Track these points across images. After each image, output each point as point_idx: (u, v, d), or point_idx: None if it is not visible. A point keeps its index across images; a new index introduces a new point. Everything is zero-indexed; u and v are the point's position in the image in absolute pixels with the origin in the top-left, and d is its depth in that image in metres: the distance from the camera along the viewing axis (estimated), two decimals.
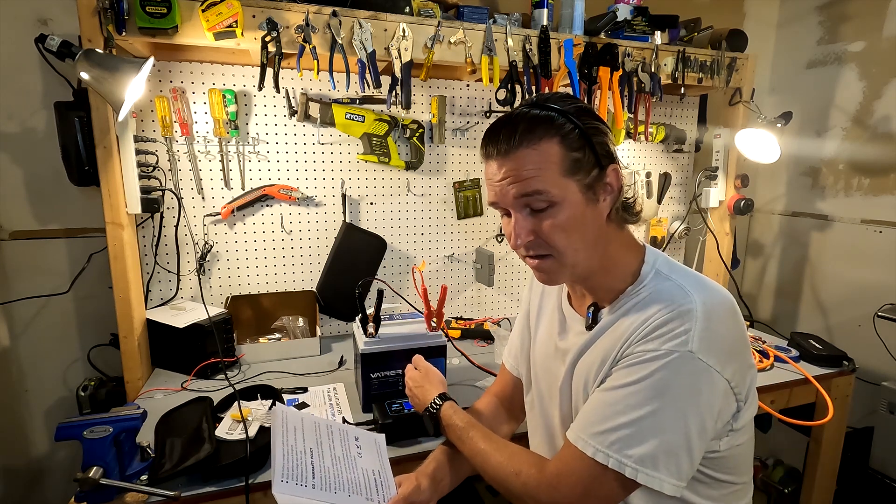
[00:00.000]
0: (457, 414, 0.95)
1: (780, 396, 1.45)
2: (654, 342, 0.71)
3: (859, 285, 2.02)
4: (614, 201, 0.79)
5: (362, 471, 0.90)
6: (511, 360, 1.10)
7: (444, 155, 1.83)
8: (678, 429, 0.69)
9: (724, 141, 1.97)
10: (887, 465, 1.69)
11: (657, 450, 0.69)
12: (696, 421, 0.70)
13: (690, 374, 0.69)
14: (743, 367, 0.75)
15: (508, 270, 1.99)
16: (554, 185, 0.74)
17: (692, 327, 0.70)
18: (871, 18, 1.96)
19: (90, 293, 1.60)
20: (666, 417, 0.69)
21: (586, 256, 0.79)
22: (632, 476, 0.69)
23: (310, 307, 1.70)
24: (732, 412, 0.75)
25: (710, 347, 0.70)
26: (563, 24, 1.66)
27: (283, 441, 0.86)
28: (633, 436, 0.70)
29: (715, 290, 0.76)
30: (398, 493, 0.87)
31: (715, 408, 0.72)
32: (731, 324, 0.74)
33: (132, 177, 1.33)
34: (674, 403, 0.69)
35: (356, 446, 0.95)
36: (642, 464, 0.69)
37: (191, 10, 1.25)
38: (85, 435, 0.92)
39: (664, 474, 0.69)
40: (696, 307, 0.71)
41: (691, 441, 0.70)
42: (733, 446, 0.78)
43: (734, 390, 0.73)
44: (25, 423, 1.63)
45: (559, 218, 0.75)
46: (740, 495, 0.86)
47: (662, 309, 0.73)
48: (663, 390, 0.69)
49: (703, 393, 0.70)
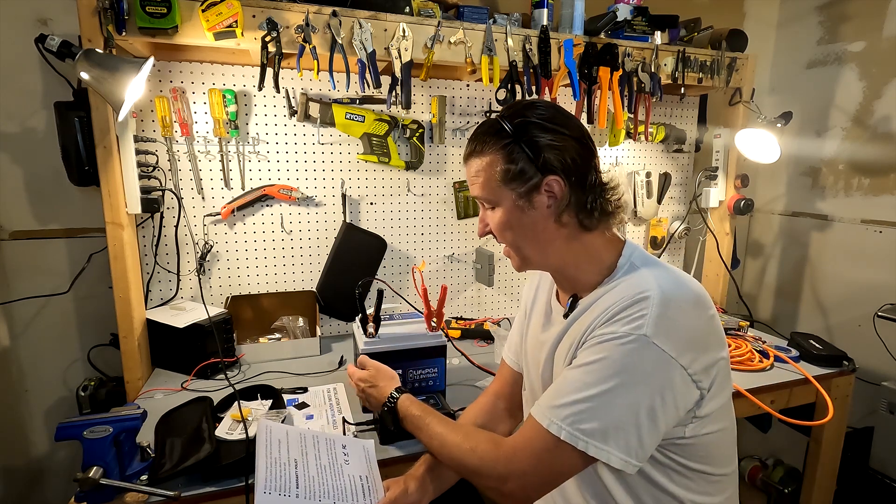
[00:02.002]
0: (413, 404, 0.98)
1: (780, 396, 1.45)
2: (614, 325, 0.76)
3: (859, 285, 2.02)
4: (560, 207, 0.83)
5: (349, 477, 0.90)
6: (512, 356, 1.12)
7: (444, 155, 1.83)
8: (628, 407, 0.73)
9: (724, 141, 1.97)
10: (887, 465, 1.69)
11: (607, 425, 0.73)
12: (646, 402, 0.73)
13: (643, 356, 0.73)
14: (704, 356, 0.77)
15: (508, 270, 1.99)
16: (491, 192, 0.85)
17: (648, 313, 0.74)
18: (871, 18, 1.96)
19: (90, 293, 1.60)
20: (617, 396, 0.73)
21: (535, 252, 0.88)
22: (583, 448, 0.73)
23: (310, 307, 1.70)
24: (694, 399, 0.77)
25: (666, 333, 0.73)
26: (563, 24, 1.66)
27: (267, 454, 0.87)
28: (586, 411, 0.74)
29: (680, 282, 0.80)
30: (385, 496, 0.88)
31: (668, 391, 0.74)
32: (693, 314, 0.77)
33: (132, 177, 1.33)
34: (626, 383, 0.73)
35: (343, 454, 0.95)
36: (592, 437, 0.73)
37: (191, 10, 1.25)
38: (85, 435, 0.92)
39: (612, 448, 0.73)
40: (654, 294, 0.76)
41: (640, 419, 0.73)
42: (701, 434, 0.80)
43: (692, 377, 0.75)
44: (25, 423, 1.63)
45: (500, 219, 0.86)
46: (721, 487, 0.86)
47: (625, 295, 0.78)
48: (617, 370, 0.73)
49: (654, 375, 0.73)
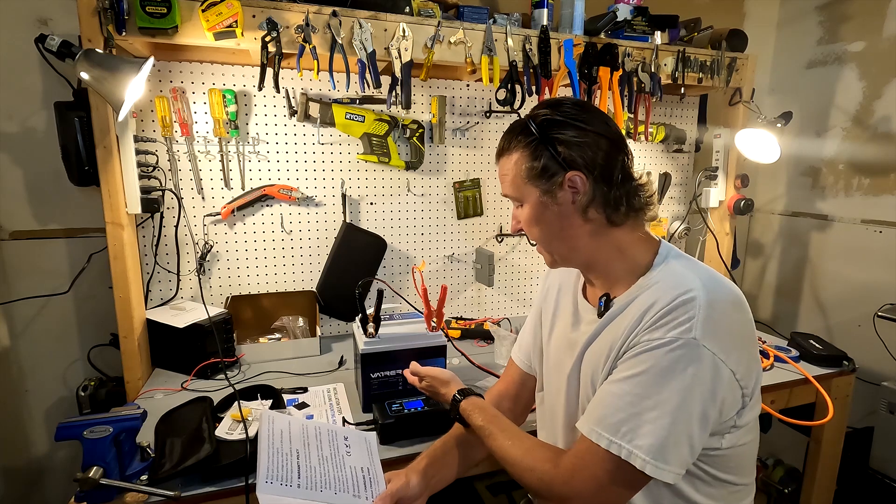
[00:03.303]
0: (475, 412, 0.94)
1: (780, 396, 1.45)
2: (659, 331, 0.73)
3: (859, 285, 2.02)
4: (583, 202, 0.82)
5: (350, 469, 0.90)
6: (522, 356, 1.10)
7: (444, 155, 1.83)
8: (683, 417, 0.71)
9: (724, 141, 1.97)
10: (887, 465, 1.69)
11: (665, 440, 0.70)
12: (699, 407, 0.71)
13: (694, 361, 0.71)
14: (749, 359, 0.76)
15: (508, 270, 1.99)
16: (517, 190, 0.87)
17: (696, 315, 0.72)
18: (871, 18, 1.96)
19: (90, 293, 1.60)
20: (673, 406, 0.70)
21: (563, 248, 0.88)
22: (641, 467, 0.70)
23: (310, 307, 1.70)
24: (738, 406, 0.76)
25: (714, 336, 0.71)
26: (563, 24, 1.66)
27: (269, 444, 0.87)
28: (643, 426, 0.71)
29: (721, 283, 0.79)
30: (387, 489, 0.88)
31: (718, 396, 0.72)
32: (736, 316, 0.76)
33: (132, 177, 1.33)
34: (679, 392, 0.70)
35: (345, 445, 0.96)
36: (651, 455, 0.70)
37: (191, 10, 1.25)
38: (85, 435, 0.92)
39: (672, 466, 0.71)
40: (700, 296, 0.73)
41: (692, 428, 0.71)
42: (736, 445, 0.79)
43: (739, 382, 0.74)
44: (25, 423, 1.63)
45: (527, 216, 0.87)
46: (741, 496, 0.86)
47: (667, 297, 0.75)
48: (669, 379, 0.71)
49: (706, 380, 0.71)
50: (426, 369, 1.09)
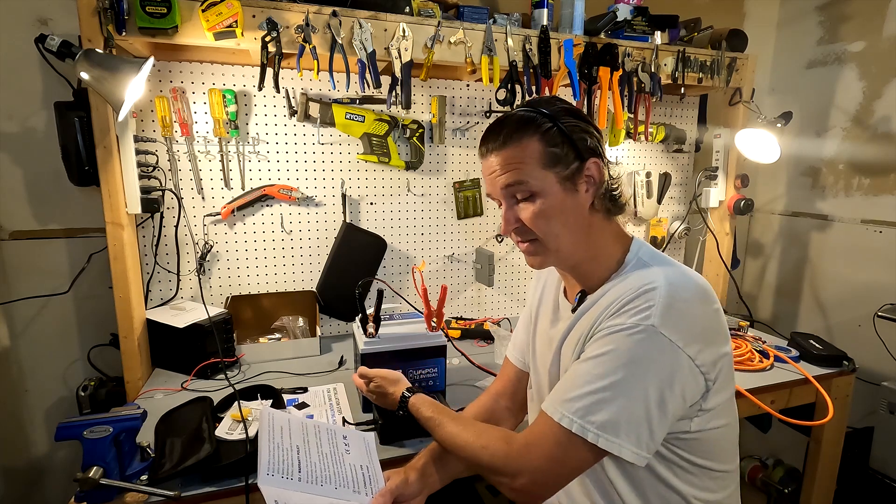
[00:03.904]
0: (424, 405, 0.97)
1: (780, 396, 1.45)
2: (621, 317, 0.77)
3: (859, 285, 2.02)
4: (596, 192, 0.85)
5: (350, 466, 0.91)
6: (517, 354, 1.12)
7: (444, 155, 1.83)
8: (638, 398, 0.73)
9: (724, 141, 1.97)
10: (887, 465, 1.69)
11: (618, 417, 0.73)
12: (656, 392, 0.73)
13: (651, 347, 0.73)
14: (710, 348, 0.77)
15: (508, 270, 1.99)
16: (533, 177, 0.82)
17: (655, 303, 0.75)
18: (871, 18, 1.96)
19: (90, 293, 1.60)
20: (627, 387, 0.73)
21: (569, 241, 0.85)
22: (593, 441, 0.73)
23: (310, 307, 1.70)
24: (700, 390, 0.77)
25: (673, 323, 0.74)
26: (563, 24, 1.66)
27: (270, 439, 0.87)
28: (597, 403, 0.74)
29: (686, 275, 0.81)
30: (386, 486, 0.89)
31: (676, 382, 0.74)
32: (699, 306, 0.78)
33: (132, 177, 1.33)
34: (634, 374, 0.73)
35: (344, 444, 0.96)
36: (603, 429, 0.73)
37: (191, 10, 1.25)
38: (85, 435, 0.92)
39: (624, 441, 0.72)
40: (661, 286, 0.76)
41: (650, 411, 0.73)
42: (707, 429, 0.80)
43: (700, 368, 0.76)
44: (25, 423, 1.63)
45: (539, 206, 0.83)
46: (723, 484, 0.86)
47: (631, 288, 0.79)
48: (626, 361, 0.74)
49: (662, 366, 0.74)
50: (374, 371, 1.09)
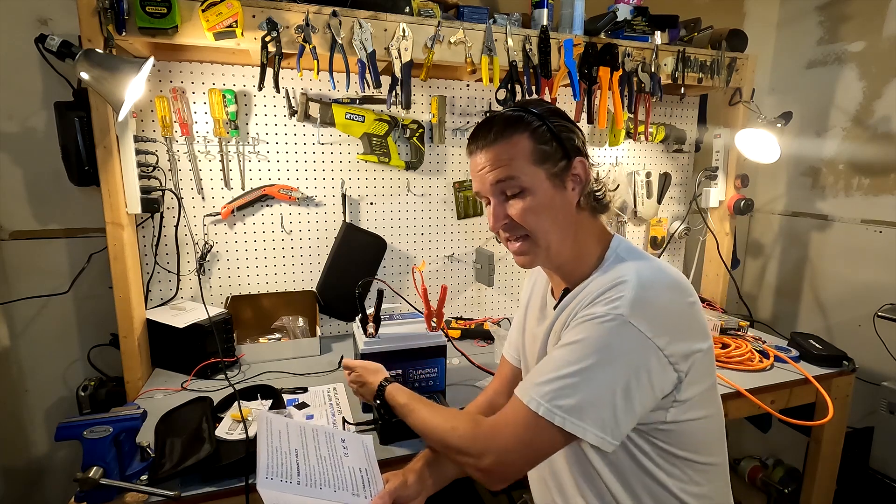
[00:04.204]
0: (399, 393, 1.02)
1: (780, 396, 1.45)
2: (593, 307, 0.79)
3: (859, 285, 2.02)
4: (582, 190, 0.88)
5: (349, 469, 0.91)
6: (512, 352, 1.13)
7: (444, 155, 1.83)
8: (604, 385, 0.75)
9: (724, 141, 1.97)
10: (887, 465, 1.69)
11: (584, 402, 0.75)
12: (622, 380, 0.75)
13: (620, 336, 0.75)
14: (682, 342, 0.78)
15: (508, 270, 1.99)
16: (524, 172, 0.84)
17: (625, 294, 0.76)
18: (871, 18, 1.96)
19: (90, 293, 1.60)
20: (594, 373, 0.75)
21: (558, 239, 0.87)
22: (560, 424, 0.75)
23: (310, 307, 1.70)
24: (671, 382, 0.78)
25: (642, 314, 0.75)
26: (563, 24, 1.66)
27: (268, 443, 0.87)
28: (565, 388, 0.76)
29: (659, 269, 0.83)
30: (385, 488, 0.89)
31: (643, 371, 0.75)
32: (669, 297, 0.79)
33: (132, 177, 1.33)
34: (602, 361, 0.75)
35: (342, 447, 0.96)
36: (569, 413, 0.75)
37: (191, 10, 1.25)
38: (85, 435, 0.92)
39: (588, 424, 0.74)
40: (632, 279, 0.78)
41: (615, 397, 0.75)
42: (683, 420, 0.81)
43: (669, 359, 0.76)
44: (25, 423, 1.63)
45: (529, 202, 0.85)
46: (708, 477, 0.86)
47: (606, 281, 0.81)
48: (595, 349, 0.76)
49: (630, 355, 0.75)
50: (355, 361, 1.15)
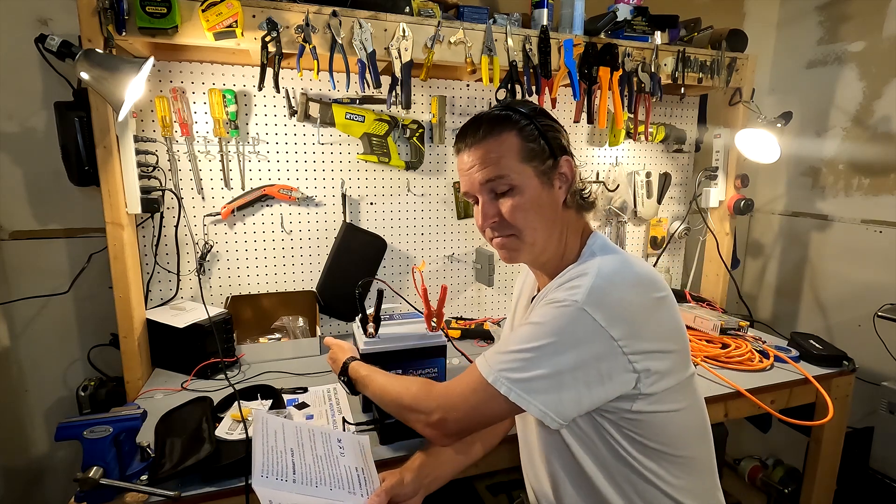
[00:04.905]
0: (361, 367, 1.07)
1: (780, 396, 1.45)
2: (555, 293, 0.82)
3: (859, 285, 2.02)
4: (569, 189, 0.90)
5: (345, 467, 0.92)
6: None
7: (444, 155, 1.82)
8: (552, 364, 0.78)
9: (724, 141, 1.97)
10: (887, 465, 1.69)
11: (532, 378, 0.78)
12: (571, 364, 0.77)
13: (575, 322, 0.77)
14: (642, 335, 0.79)
15: (508, 270, 1.99)
16: (513, 170, 0.86)
17: (584, 284, 0.79)
18: (871, 18, 1.96)
19: (90, 293, 1.60)
20: (547, 353, 0.78)
21: (545, 236, 0.89)
22: (505, 394, 0.79)
23: (310, 307, 1.70)
24: (626, 374, 0.78)
25: (598, 303, 0.77)
26: (563, 24, 1.66)
27: (264, 443, 0.88)
28: (517, 362, 0.80)
29: (626, 264, 0.83)
30: (381, 486, 0.89)
31: (593, 359, 0.77)
32: (631, 291, 0.80)
33: (132, 177, 1.33)
34: (555, 343, 0.78)
35: (339, 447, 0.97)
36: (516, 385, 0.79)
37: (191, 10, 1.25)
38: (85, 435, 0.92)
39: (533, 399, 0.78)
40: (594, 271, 0.80)
41: (563, 379, 0.78)
42: (650, 411, 0.81)
43: (623, 349, 0.77)
44: (25, 423, 1.63)
45: (518, 199, 0.86)
46: (685, 470, 0.85)
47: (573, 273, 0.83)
48: (550, 332, 0.79)
49: (582, 341, 0.77)
50: (334, 340, 1.21)
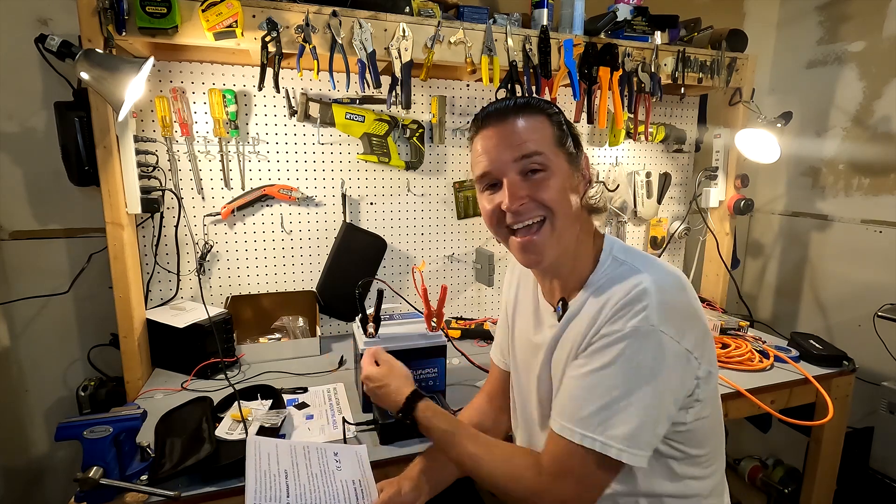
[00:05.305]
0: (437, 416, 0.90)
1: (780, 396, 1.45)
2: (619, 322, 0.75)
3: (859, 285, 2.02)
4: (586, 187, 0.88)
5: (342, 483, 0.91)
6: (499, 355, 1.13)
7: (444, 155, 1.83)
8: (652, 403, 0.73)
9: (724, 141, 1.97)
10: (887, 465, 1.69)
11: (636, 426, 0.73)
12: (667, 391, 0.75)
13: (655, 346, 0.73)
14: (699, 333, 0.78)
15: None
16: (549, 150, 0.82)
17: (649, 303, 0.74)
18: (871, 18, 1.96)
19: (90, 293, 1.60)
20: (642, 393, 0.73)
21: (570, 225, 0.84)
22: (616, 457, 0.72)
23: (310, 307, 1.70)
24: (694, 377, 0.78)
25: (668, 320, 0.74)
26: (563, 24, 1.66)
27: (256, 468, 0.87)
28: (613, 417, 0.73)
29: (664, 269, 0.82)
30: (379, 498, 0.88)
31: (679, 375, 0.76)
32: (682, 296, 0.79)
33: (132, 177, 1.33)
34: (645, 378, 0.73)
35: (335, 461, 0.96)
36: (624, 442, 0.72)
37: (191, 10, 1.25)
38: (85, 435, 0.92)
39: (646, 450, 0.74)
40: (650, 285, 0.76)
41: (661, 412, 0.75)
42: (699, 418, 0.81)
43: (693, 354, 0.77)
44: (25, 423, 1.63)
45: (551, 182, 0.81)
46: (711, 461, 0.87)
47: (621, 291, 0.78)
48: (635, 367, 0.73)
49: (669, 363, 0.74)
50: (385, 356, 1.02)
